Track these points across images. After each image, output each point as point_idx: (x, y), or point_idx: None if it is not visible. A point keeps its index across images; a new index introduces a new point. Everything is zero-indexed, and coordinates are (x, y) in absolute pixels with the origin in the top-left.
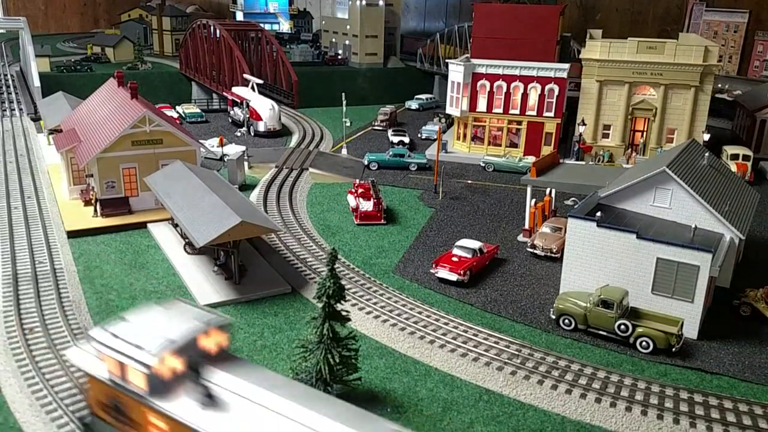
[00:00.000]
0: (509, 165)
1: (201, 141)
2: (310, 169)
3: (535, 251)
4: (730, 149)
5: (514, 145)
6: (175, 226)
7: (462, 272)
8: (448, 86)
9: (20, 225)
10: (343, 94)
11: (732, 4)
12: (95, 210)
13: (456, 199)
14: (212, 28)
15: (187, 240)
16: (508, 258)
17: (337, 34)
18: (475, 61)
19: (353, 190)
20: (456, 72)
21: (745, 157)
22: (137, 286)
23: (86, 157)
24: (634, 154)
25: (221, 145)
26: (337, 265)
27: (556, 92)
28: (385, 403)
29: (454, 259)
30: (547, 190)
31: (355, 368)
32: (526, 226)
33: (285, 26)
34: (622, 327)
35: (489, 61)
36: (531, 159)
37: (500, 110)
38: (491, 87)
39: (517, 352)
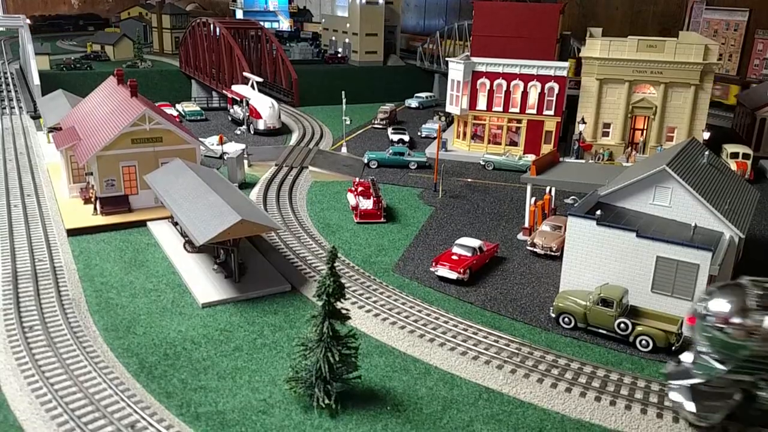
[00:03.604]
0: (509, 163)
1: (201, 139)
2: (310, 168)
3: (534, 249)
4: (729, 147)
5: (514, 143)
6: (175, 224)
7: (462, 270)
8: (448, 84)
9: (20, 223)
10: (343, 92)
11: (732, 2)
12: (95, 208)
13: (456, 197)
14: (212, 26)
15: (186, 238)
16: (507, 256)
17: (337, 33)
18: (475, 59)
19: (353, 189)
20: (456, 70)
21: (745, 156)
22: (137, 284)
23: (86, 155)
24: (634, 152)
25: (221, 143)
26: (336, 264)
27: (556, 90)
28: (385, 402)
29: (454, 257)
30: (547, 189)
31: (355, 366)
32: (526, 225)
33: (285, 24)
34: (622, 325)
35: (489, 59)
36: (531, 157)
37: (500, 108)
38: (491, 85)
39: (516, 351)
